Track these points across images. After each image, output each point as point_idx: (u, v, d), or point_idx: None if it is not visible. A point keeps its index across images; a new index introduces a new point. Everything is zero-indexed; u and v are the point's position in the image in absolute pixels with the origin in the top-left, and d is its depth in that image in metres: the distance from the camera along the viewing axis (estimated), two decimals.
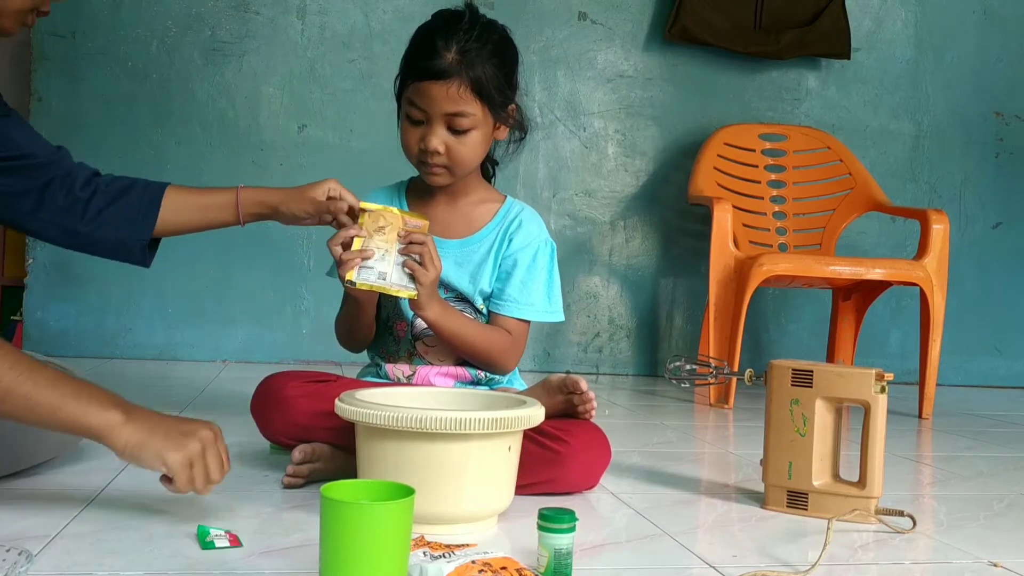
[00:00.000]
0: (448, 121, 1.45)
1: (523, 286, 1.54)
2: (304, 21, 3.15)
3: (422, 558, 0.98)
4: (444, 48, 1.42)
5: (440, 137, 1.45)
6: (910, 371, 2.94)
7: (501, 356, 1.53)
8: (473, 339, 1.49)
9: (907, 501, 1.56)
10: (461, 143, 1.46)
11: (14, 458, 1.37)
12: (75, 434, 1.21)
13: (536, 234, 1.57)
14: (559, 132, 3.31)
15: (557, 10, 3.28)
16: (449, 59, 1.41)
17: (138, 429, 1.13)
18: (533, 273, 1.55)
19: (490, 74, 1.44)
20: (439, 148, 1.45)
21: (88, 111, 3.03)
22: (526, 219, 1.57)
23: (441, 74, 1.41)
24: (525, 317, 1.54)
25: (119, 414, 1.13)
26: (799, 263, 2.60)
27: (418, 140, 1.47)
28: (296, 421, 1.45)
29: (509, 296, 1.54)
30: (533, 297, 1.54)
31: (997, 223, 3.58)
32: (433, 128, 1.45)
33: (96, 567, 1.02)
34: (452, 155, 1.47)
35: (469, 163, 1.50)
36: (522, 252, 1.54)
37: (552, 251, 1.58)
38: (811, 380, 1.37)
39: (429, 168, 1.49)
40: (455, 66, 1.42)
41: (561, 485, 1.43)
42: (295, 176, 3.10)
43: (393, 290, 1.40)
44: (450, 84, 1.42)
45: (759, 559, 1.17)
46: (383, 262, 1.40)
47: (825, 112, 3.45)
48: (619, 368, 3.37)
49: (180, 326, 3.09)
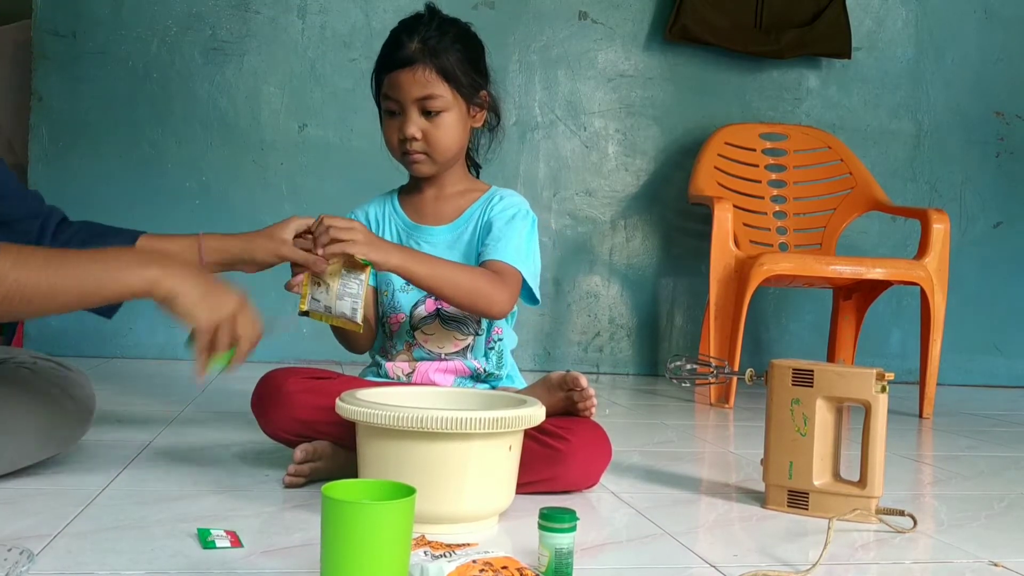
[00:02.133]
0: (420, 106, 1.52)
1: (499, 237, 1.54)
2: (305, 20, 3.15)
3: (423, 557, 0.98)
4: (408, 40, 1.52)
5: (415, 123, 1.52)
6: (911, 371, 2.94)
7: (491, 289, 1.48)
8: (454, 273, 1.47)
9: (908, 501, 1.56)
10: (436, 126, 1.53)
11: (15, 456, 1.36)
12: (121, 300, 1.24)
13: (518, 204, 1.60)
14: (559, 132, 3.31)
15: (558, 10, 3.28)
16: (412, 48, 1.51)
17: (175, 281, 1.18)
18: (509, 229, 1.55)
19: (454, 58, 1.53)
20: (416, 134, 1.52)
21: (89, 110, 3.03)
22: (508, 194, 1.63)
23: (407, 61, 1.51)
24: (501, 258, 1.52)
25: (156, 269, 1.18)
26: (800, 263, 2.60)
27: (396, 131, 1.54)
28: (296, 416, 1.45)
29: (487, 246, 1.54)
30: (507, 246, 1.54)
31: (998, 223, 3.58)
32: (408, 115, 1.52)
33: (97, 567, 1.02)
34: (429, 139, 1.53)
35: (447, 147, 1.55)
36: (500, 214, 1.57)
37: (533, 222, 1.60)
38: (812, 380, 1.38)
39: (411, 157, 1.55)
40: (419, 53, 1.51)
41: (562, 483, 1.43)
42: (296, 175, 3.11)
43: (337, 321, 1.46)
44: (415, 69, 1.50)
45: (760, 559, 1.17)
46: (327, 295, 1.45)
47: (826, 112, 3.45)
48: (619, 368, 3.37)
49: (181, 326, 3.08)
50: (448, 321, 1.57)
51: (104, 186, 3.02)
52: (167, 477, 1.47)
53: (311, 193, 3.10)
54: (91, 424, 1.56)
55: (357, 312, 1.43)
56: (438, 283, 1.46)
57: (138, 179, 3.04)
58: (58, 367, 1.52)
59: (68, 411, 1.47)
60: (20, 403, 1.38)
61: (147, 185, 3.04)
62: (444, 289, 1.47)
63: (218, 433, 1.85)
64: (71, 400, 1.48)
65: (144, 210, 3.03)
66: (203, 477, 1.47)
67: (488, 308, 1.50)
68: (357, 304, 1.43)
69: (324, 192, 3.07)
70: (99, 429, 1.78)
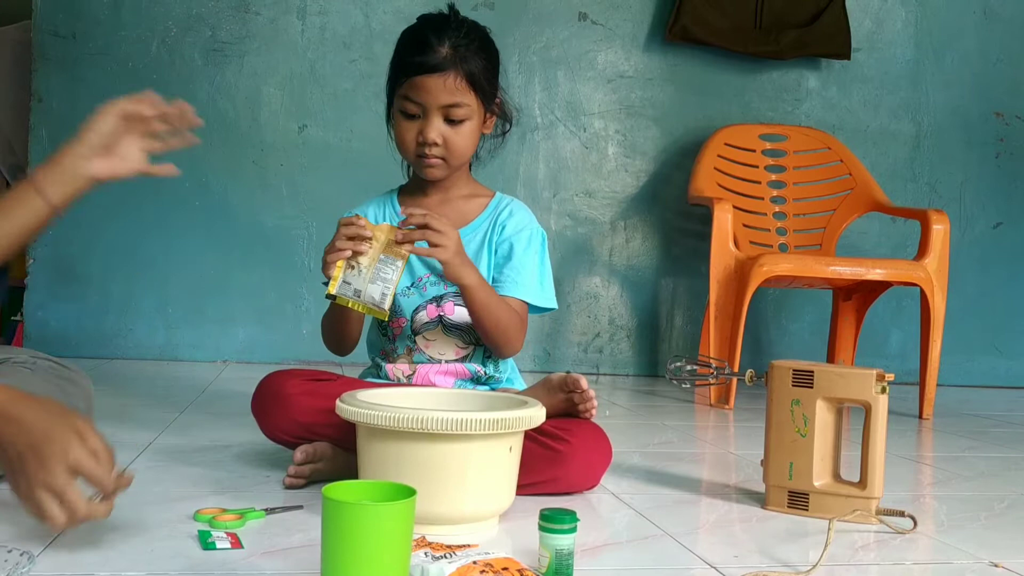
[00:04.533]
0: (445, 112, 1.50)
1: (520, 269, 1.56)
2: (304, 22, 3.15)
3: (424, 559, 0.98)
4: (437, 43, 1.49)
5: (437, 128, 1.51)
6: (910, 371, 2.94)
7: (516, 334, 1.54)
8: (498, 310, 1.50)
9: (908, 501, 1.56)
10: (457, 133, 1.52)
11: None
12: None
13: (528, 221, 1.61)
14: (559, 132, 3.31)
15: (557, 10, 3.28)
16: (443, 53, 1.48)
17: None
18: (527, 258, 1.58)
19: (480, 66, 1.51)
20: (437, 139, 1.51)
21: (89, 111, 2.98)
22: (516, 208, 1.63)
23: (437, 67, 1.48)
24: (524, 298, 1.56)
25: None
26: (799, 263, 2.60)
27: (416, 133, 1.51)
28: (297, 418, 1.45)
29: (507, 277, 1.56)
30: (528, 279, 1.57)
31: (997, 223, 3.58)
32: (430, 120, 1.50)
33: (97, 568, 1.02)
34: (449, 145, 1.52)
35: (464, 153, 1.55)
36: (516, 237, 1.58)
37: (543, 240, 1.62)
38: (812, 380, 1.38)
39: (427, 160, 1.53)
40: (450, 59, 1.48)
41: (562, 484, 1.43)
42: (296, 176, 3.11)
43: (363, 307, 1.42)
44: (446, 76, 1.48)
45: (760, 559, 1.17)
46: (359, 279, 1.41)
47: (825, 112, 3.45)
48: (619, 368, 3.37)
49: (181, 326, 3.09)
50: (451, 329, 1.56)
51: (104, 187, 3.00)
52: (167, 478, 1.47)
53: (311, 194, 3.10)
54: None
55: (386, 298, 1.41)
56: (487, 313, 1.49)
57: (138, 180, 3.01)
58: (57, 366, 1.52)
59: None
60: None
61: (147, 186, 3.04)
62: (487, 320, 1.49)
63: (218, 434, 1.85)
64: (70, 399, 1.48)
65: (144, 211, 3.03)
66: (203, 478, 1.47)
67: (505, 347, 1.55)
68: (388, 290, 1.41)
69: (324, 193, 3.07)
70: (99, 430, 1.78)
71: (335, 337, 1.59)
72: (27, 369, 1.46)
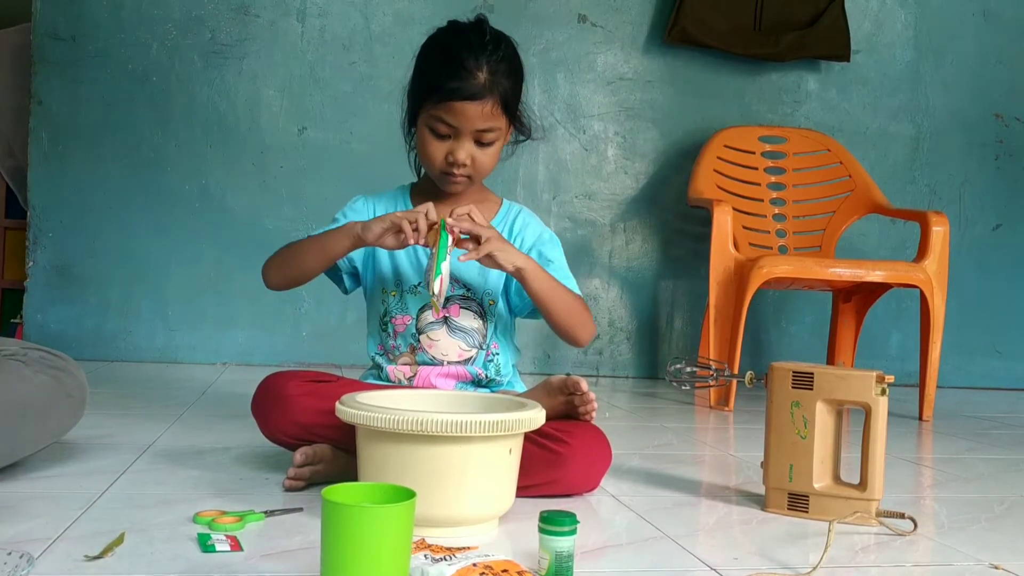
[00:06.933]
0: (477, 136, 1.51)
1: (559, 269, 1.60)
2: (304, 24, 3.15)
3: (423, 561, 0.98)
4: (476, 68, 1.47)
5: (468, 151, 1.52)
6: (910, 373, 2.94)
7: (587, 317, 1.57)
8: (563, 291, 1.53)
9: (908, 503, 1.56)
10: (485, 154, 1.54)
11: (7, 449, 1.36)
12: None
13: (542, 227, 1.67)
14: (559, 135, 3.31)
15: (557, 13, 3.28)
16: (482, 80, 1.47)
17: None
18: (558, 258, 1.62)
19: (512, 89, 1.52)
20: (467, 161, 1.52)
21: (88, 114, 3.03)
22: (527, 215, 1.67)
23: (476, 95, 1.47)
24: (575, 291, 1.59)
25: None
26: (799, 265, 2.60)
27: (445, 153, 1.52)
28: (297, 419, 1.45)
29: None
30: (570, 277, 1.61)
31: (997, 225, 3.58)
32: (462, 142, 1.51)
33: (97, 570, 1.02)
34: (476, 166, 1.54)
35: (488, 172, 1.58)
36: (540, 243, 1.63)
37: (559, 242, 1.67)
38: (812, 382, 1.38)
39: (453, 178, 1.54)
40: (488, 87, 1.48)
41: (562, 486, 1.43)
42: (295, 178, 3.11)
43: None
44: (484, 104, 1.48)
45: (760, 561, 1.17)
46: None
47: (825, 114, 3.45)
48: (619, 370, 3.37)
49: (180, 328, 3.09)
50: (455, 330, 1.57)
51: (103, 189, 3.02)
52: (167, 480, 1.47)
53: (310, 196, 3.10)
54: (84, 413, 1.55)
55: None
56: (551, 296, 1.51)
57: (137, 182, 3.04)
58: (49, 356, 1.50)
59: (60, 402, 1.46)
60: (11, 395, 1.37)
61: (146, 188, 3.04)
62: (554, 303, 1.51)
63: (218, 436, 1.85)
64: (63, 390, 1.47)
65: (143, 213, 3.03)
66: (203, 480, 1.47)
67: (581, 333, 1.57)
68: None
69: (323, 195, 3.07)
70: (98, 432, 1.79)
71: (292, 270, 1.65)
72: (19, 361, 1.44)
